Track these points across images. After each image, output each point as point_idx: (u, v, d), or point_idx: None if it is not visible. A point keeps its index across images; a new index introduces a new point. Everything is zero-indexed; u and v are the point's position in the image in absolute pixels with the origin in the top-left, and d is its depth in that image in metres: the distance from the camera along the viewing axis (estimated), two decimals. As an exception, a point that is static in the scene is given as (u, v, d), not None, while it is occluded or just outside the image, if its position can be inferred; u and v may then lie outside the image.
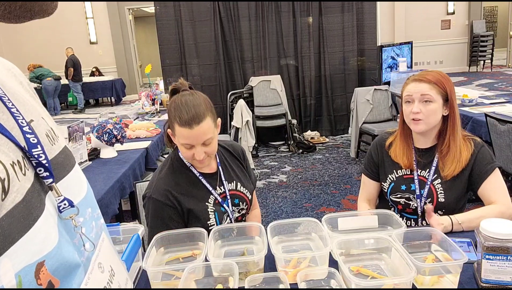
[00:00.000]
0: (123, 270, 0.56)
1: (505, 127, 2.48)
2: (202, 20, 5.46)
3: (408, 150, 1.51)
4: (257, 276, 1.04)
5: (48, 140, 0.49)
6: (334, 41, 5.64)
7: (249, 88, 5.51)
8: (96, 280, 0.47)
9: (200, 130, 1.26)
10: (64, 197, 0.45)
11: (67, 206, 0.45)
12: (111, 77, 10.94)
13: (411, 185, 1.50)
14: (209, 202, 1.40)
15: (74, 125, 2.43)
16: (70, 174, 0.50)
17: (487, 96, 3.90)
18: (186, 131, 1.26)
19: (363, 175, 1.67)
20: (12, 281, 0.35)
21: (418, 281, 1.02)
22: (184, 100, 1.29)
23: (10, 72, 0.53)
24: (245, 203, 1.50)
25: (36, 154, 0.43)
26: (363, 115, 4.53)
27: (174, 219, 1.35)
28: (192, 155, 1.31)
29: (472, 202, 3.31)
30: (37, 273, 0.38)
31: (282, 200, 3.66)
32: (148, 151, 2.95)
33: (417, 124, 1.43)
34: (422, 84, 1.43)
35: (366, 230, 1.23)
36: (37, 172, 0.43)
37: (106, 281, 0.49)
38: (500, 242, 0.96)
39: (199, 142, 1.28)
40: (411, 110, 1.44)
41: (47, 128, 0.50)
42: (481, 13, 11.53)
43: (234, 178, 1.49)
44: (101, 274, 0.48)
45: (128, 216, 3.03)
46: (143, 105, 4.54)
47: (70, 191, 0.47)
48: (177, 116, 1.26)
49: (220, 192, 1.43)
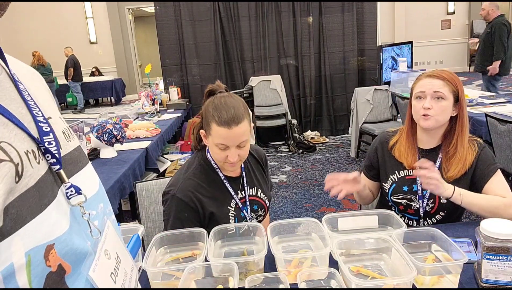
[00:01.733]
0: (128, 257, 0.58)
1: (506, 127, 2.48)
2: (202, 20, 5.46)
3: (412, 149, 1.50)
4: (257, 276, 1.04)
5: (64, 136, 0.53)
6: (334, 41, 5.63)
7: (249, 88, 5.51)
8: (103, 266, 0.49)
9: (238, 131, 1.26)
10: (71, 183, 0.48)
11: (74, 193, 0.48)
12: (111, 77, 10.94)
13: (413, 186, 1.49)
14: (231, 206, 1.39)
15: (74, 125, 2.43)
16: (84, 170, 0.54)
17: (487, 96, 3.90)
18: (224, 131, 1.25)
19: (362, 174, 1.65)
20: (22, 260, 0.37)
21: (418, 281, 1.02)
22: (223, 101, 1.28)
23: (35, 75, 0.58)
24: (263, 209, 1.49)
25: (46, 141, 0.46)
26: (363, 115, 4.53)
27: (193, 223, 1.32)
28: (225, 157, 1.29)
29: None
30: (47, 255, 0.40)
31: (282, 200, 3.66)
32: (148, 151, 2.95)
33: (426, 120, 1.41)
34: (436, 80, 1.41)
35: (366, 230, 1.23)
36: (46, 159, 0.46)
37: (113, 267, 0.52)
38: (500, 242, 0.95)
39: (235, 143, 1.27)
40: (422, 106, 1.41)
41: (64, 126, 0.55)
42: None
43: (255, 183, 1.48)
44: (108, 260, 0.51)
45: (128, 216, 3.03)
46: (143, 105, 4.54)
47: (82, 185, 0.50)
48: (216, 116, 1.26)
49: (241, 197, 1.42)
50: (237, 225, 1.28)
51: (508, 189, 1.40)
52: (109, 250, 0.52)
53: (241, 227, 1.27)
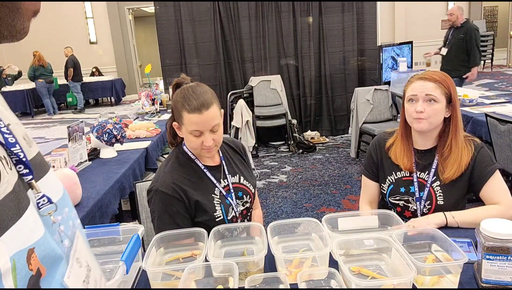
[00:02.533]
0: (97, 266, 0.59)
1: (506, 127, 2.48)
2: (202, 20, 5.46)
3: (408, 151, 1.50)
4: (257, 276, 1.04)
5: (26, 142, 0.52)
6: (334, 41, 5.64)
7: (249, 88, 5.51)
8: (76, 273, 0.50)
9: (209, 115, 1.30)
10: (43, 193, 0.48)
11: (46, 202, 0.48)
12: (111, 77, 10.94)
13: (410, 187, 1.49)
14: (215, 194, 1.41)
15: (74, 125, 2.42)
16: (48, 174, 0.54)
17: (487, 96, 3.90)
18: (195, 116, 1.29)
19: (363, 177, 1.65)
20: (7, 264, 0.38)
21: (418, 281, 1.02)
22: (191, 89, 1.33)
23: None
24: (248, 196, 1.51)
25: (16, 152, 0.46)
26: (363, 115, 4.53)
27: (181, 213, 1.35)
28: (201, 144, 1.33)
29: (473, 202, 3.31)
30: (29, 258, 0.41)
31: (282, 200, 3.66)
32: (148, 151, 2.95)
33: (419, 123, 1.41)
34: (428, 82, 1.41)
35: (366, 230, 1.23)
36: (17, 170, 0.46)
37: (84, 275, 0.53)
38: (500, 242, 0.95)
39: (208, 128, 1.31)
40: (414, 109, 1.41)
41: (23, 131, 0.54)
42: (481, 13, 11.54)
43: (237, 171, 1.51)
44: (80, 268, 0.52)
45: (128, 216, 3.03)
46: (143, 105, 4.54)
47: (49, 189, 0.51)
48: (186, 104, 1.30)
49: (224, 185, 1.45)
50: (236, 225, 1.28)
51: (505, 191, 1.40)
52: (80, 258, 0.53)
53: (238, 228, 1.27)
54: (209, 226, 1.27)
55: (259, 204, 1.69)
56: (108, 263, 1.17)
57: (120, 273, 0.94)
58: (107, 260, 1.18)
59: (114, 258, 1.17)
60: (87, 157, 2.59)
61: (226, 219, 1.41)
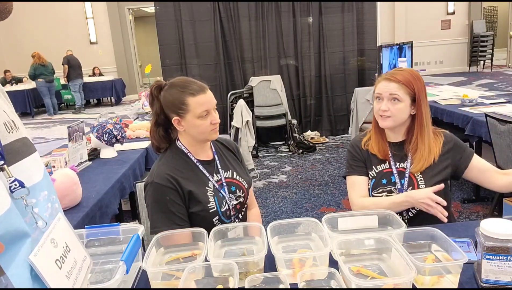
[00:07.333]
0: (81, 248, 0.61)
1: (505, 127, 2.48)
2: (202, 20, 5.46)
3: (382, 142, 1.57)
4: (257, 276, 1.04)
5: (6, 128, 0.53)
6: (334, 41, 5.64)
7: (249, 88, 5.51)
8: (46, 252, 0.51)
9: (210, 94, 1.42)
10: (15, 178, 0.49)
11: (18, 186, 0.49)
12: (111, 77, 10.95)
13: (391, 177, 1.54)
14: (208, 187, 1.44)
15: (74, 125, 2.43)
16: (26, 159, 0.55)
17: (487, 96, 3.89)
18: (202, 97, 1.38)
19: (350, 177, 1.61)
20: None
21: (418, 281, 1.02)
22: (183, 80, 1.42)
23: None
24: (242, 191, 1.52)
25: None
26: (363, 115, 4.53)
27: (175, 202, 1.37)
28: (209, 124, 1.40)
29: (472, 202, 3.32)
30: None
31: (282, 200, 3.66)
32: (148, 151, 2.95)
33: (384, 120, 1.51)
34: (392, 83, 1.49)
35: (366, 230, 1.23)
36: None
37: (59, 255, 0.54)
38: (500, 242, 0.96)
39: (213, 105, 1.42)
40: (380, 107, 1.51)
41: (7, 119, 0.55)
42: (481, 13, 11.53)
43: (229, 167, 1.54)
44: (54, 249, 0.53)
45: (128, 216, 3.03)
46: (143, 105, 4.54)
47: (24, 174, 0.52)
48: (188, 91, 1.38)
49: (216, 179, 1.47)
50: (235, 225, 1.28)
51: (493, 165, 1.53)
52: (57, 239, 0.54)
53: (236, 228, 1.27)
54: (203, 217, 1.29)
55: (256, 203, 1.69)
56: (108, 263, 1.17)
57: (120, 273, 0.94)
58: (107, 260, 1.18)
59: (114, 258, 1.17)
60: (87, 157, 2.59)
61: (219, 211, 1.43)
